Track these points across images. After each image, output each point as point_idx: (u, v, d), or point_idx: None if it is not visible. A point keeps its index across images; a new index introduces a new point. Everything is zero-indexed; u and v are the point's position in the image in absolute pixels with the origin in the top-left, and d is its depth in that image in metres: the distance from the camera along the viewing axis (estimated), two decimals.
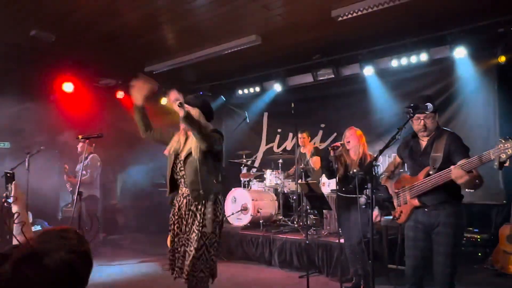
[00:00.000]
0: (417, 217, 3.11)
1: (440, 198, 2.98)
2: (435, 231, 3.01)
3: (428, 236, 3.05)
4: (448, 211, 2.98)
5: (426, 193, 3.01)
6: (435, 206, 3.01)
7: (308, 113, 7.89)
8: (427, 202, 3.04)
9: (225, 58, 7.35)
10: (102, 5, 5.40)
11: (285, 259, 5.88)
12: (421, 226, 3.09)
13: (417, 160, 3.16)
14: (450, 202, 2.98)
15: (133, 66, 8.05)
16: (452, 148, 2.96)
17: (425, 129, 3.08)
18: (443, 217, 2.98)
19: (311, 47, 7.13)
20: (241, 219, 6.86)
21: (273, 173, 7.00)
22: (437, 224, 3.00)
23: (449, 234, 2.95)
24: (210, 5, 5.50)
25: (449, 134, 3.05)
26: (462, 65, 6.28)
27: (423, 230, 3.07)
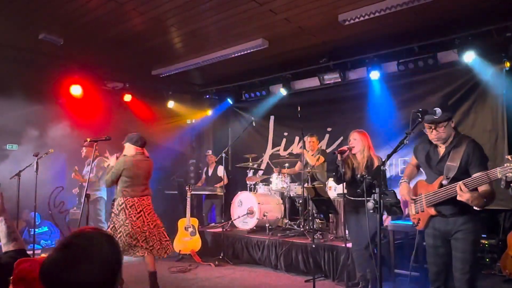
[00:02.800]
0: (434, 224, 3.12)
1: (456, 208, 2.96)
2: (453, 237, 3.02)
3: (447, 242, 3.06)
4: (466, 218, 2.96)
5: (442, 203, 2.99)
6: (452, 215, 3.00)
7: (315, 117, 7.88)
8: (444, 211, 3.03)
9: (231, 62, 7.38)
10: (110, 10, 5.45)
11: (291, 263, 5.87)
12: (439, 233, 3.10)
13: (434, 168, 3.13)
14: (468, 209, 2.91)
15: (140, 70, 8.13)
16: (470, 159, 2.91)
17: (438, 139, 3.04)
18: (460, 224, 2.97)
19: (318, 51, 7.14)
20: (247, 222, 6.86)
21: (279, 177, 6.99)
22: (454, 231, 3.00)
23: (467, 240, 2.95)
24: (217, 9, 5.53)
25: (468, 143, 2.97)
26: (470, 70, 6.25)
27: (441, 237, 3.09)
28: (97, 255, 1.16)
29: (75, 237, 1.18)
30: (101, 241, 1.19)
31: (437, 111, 2.94)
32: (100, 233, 1.22)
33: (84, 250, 1.15)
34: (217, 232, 6.92)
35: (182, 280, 5.48)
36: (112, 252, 1.20)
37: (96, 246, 1.17)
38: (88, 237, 1.18)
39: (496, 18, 5.63)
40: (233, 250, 6.64)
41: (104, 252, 1.18)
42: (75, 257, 1.13)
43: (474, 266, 2.97)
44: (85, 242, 1.17)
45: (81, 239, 1.17)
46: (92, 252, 1.16)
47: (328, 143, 7.96)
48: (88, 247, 1.16)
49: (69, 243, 1.16)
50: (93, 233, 1.21)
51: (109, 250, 1.19)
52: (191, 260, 6.48)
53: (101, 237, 1.21)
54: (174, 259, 6.52)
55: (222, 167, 8.21)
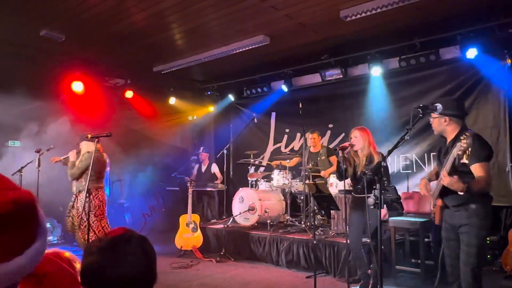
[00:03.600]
0: (445, 217, 3.25)
1: (458, 199, 3.07)
2: (459, 230, 3.13)
3: (457, 235, 3.17)
4: (470, 212, 3.06)
5: (446, 194, 3.13)
6: (457, 207, 3.12)
7: (316, 113, 7.87)
8: (448, 202, 3.17)
9: (232, 58, 7.38)
10: (111, 6, 5.45)
11: (292, 259, 5.88)
12: (449, 225, 3.23)
13: (441, 161, 3.28)
14: (472, 203, 3.04)
15: (141, 66, 8.13)
16: (469, 151, 2.96)
17: (434, 130, 3.20)
18: (465, 218, 3.07)
19: (319, 47, 7.12)
20: (249, 219, 6.87)
21: (280, 173, 7.00)
22: (460, 224, 3.11)
23: (471, 233, 3.04)
24: (218, 6, 5.52)
25: (470, 137, 3.01)
26: (472, 66, 6.23)
27: (452, 230, 3.21)
28: (135, 256, 1.23)
29: (113, 239, 1.24)
30: (137, 242, 1.26)
31: (438, 106, 2.96)
32: (135, 235, 1.29)
33: (123, 252, 1.22)
34: (219, 228, 6.93)
35: (183, 276, 5.50)
36: (149, 252, 1.28)
37: (134, 247, 1.24)
38: (125, 239, 1.25)
39: (498, 14, 5.61)
40: (234, 246, 6.66)
41: (141, 252, 1.25)
42: (115, 258, 1.20)
43: (478, 259, 3.04)
44: (123, 244, 1.24)
45: (119, 241, 1.24)
46: (131, 253, 1.23)
47: (330, 140, 7.96)
48: (127, 248, 1.23)
49: (108, 245, 1.22)
50: (129, 235, 1.27)
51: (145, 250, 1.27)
52: (192, 256, 6.50)
53: (137, 239, 1.27)
54: (176, 255, 6.54)
55: (215, 164, 8.24)
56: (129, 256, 1.22)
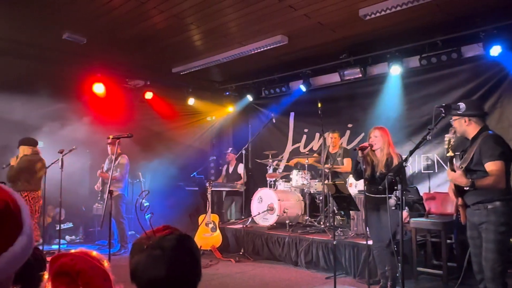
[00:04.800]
0: (468, 216, 3.29)
1: (476, 198, 3.11)
2: (480, 227, 3.17)
3: (480, 234, 3.20)
4: (489, 210, 3.09)
5: (465, 193, 3.18)
6: (476, 205, 3.15)
7: (335, 113, 7.81)
8: (467, 201, 3.21)
9: (251, 58, 7.39)
10: (131, 8, 5.52)
11: (312, 260, 5.85)
12: (471, 224, 3.28)
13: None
14: (490, 201, 3.08)
15: (161, 67, 8.22)
16: (482, 150, 3.09)
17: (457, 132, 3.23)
18: (484, 216, 3.11)
19: (338, 46, 7.07)
20: (267, 219, 6.87)
21: (299, 174, 6.97)
22: (480, 222, 3.15)
23: (489, 229, 3.08)
24: (236, 6, 5.54)
25: (484, 136, 3.15)
26: (496, 64, 6.08)
27: (475, 228, 3.25)
28: (183, 254, 1.27)
29: (162, 238, 1.27)
30: (184, 241, 1.30)
31: (461, 106, 2.92)
32: (181, 234, 1.32)
33: (173, 249, 1.26)
34: (237, 228, 6.95)
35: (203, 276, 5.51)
36: (195, 250, 1.32)
37: (181, 246, 1.28)
38: (171, 238, 1.28)
39: None
40: (253, 247, 6.67)
41: (188, 251, 1.30)
42: (164, 257, 1.23)
43: (497, 255, 3.06)
44: (171, 242, 1.27)
45: (167, 239, 1.27)
46: (179, 250, 1.27)
47: (349, 140, 7.88)
48: (175, 246, 1.27)
49: (156, 244, 1.26)
50: (176, 234, 1.31)
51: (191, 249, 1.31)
52: (211, 256, 6.53)
53: (183, 237, 1.31)
54: None
55: (242, 165, 8.24)
56: (177, 255, 1.25)
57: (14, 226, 0.88)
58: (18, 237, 0.88)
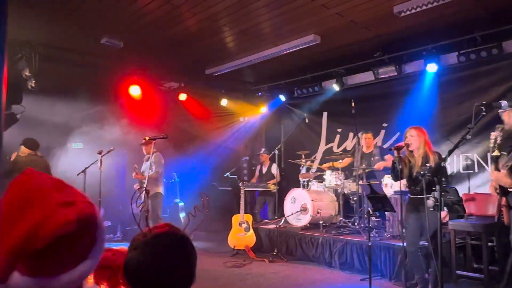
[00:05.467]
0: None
1: None
2: None
3: None
4: None
5: (510, 193, 3.04)
6: None
7: (369, 112, 7.68)
8: (510, 202, 3.06)
9: (283, 58, 7.39)
10: (166, 12, 5.64)
11: (346, 261, 5.79)
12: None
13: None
14: None
15: (194, 69, 8.35)
16: None
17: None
18: None
19: (372, 44, 6.96)
20: (301, 219, 6.85)
21: (333, 174, 6.91)
22: None
23: None
24: (269, 7, 5.55)
25: None
26: None
27: None
28: (175, 254, 1.24)
29: (156, 236, 1.26)
30: (179, 241, 1.28)
31: (503, 103, 2.81)
32: (178, 233, 1.30)
33: (165, 249, 1.24)
34: (271, 229, 6.96)
35: (237, 275, 5.58)
36: (189, 252, 1.29)
37: (174, 246, 1.26)
38: (167, 237, 1.27)
39: None
40: (286, 247, 6.66)
41: (181, 251, 1.27)
42: (155, 256, 1.21)
43: None
44: (165, 241, 1.25)
45: (161, 238, 1.26)
46: (172, 250, 1.25)
47: (384, 139, 7.73)
48: (168, 245, 1.25)
49: (150, 241, 1.24)
50: (172, 233, 1.29)
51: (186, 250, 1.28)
52: (245, 255, 6.57)
53: (179, 237, 1.29)
54: (229, 254, 6.65)
55: (275, 165, 8.24)
56: (169, 255, 1.23)
57: (93, 232, 0.89)
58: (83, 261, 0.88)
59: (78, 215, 0.81)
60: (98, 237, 0.89)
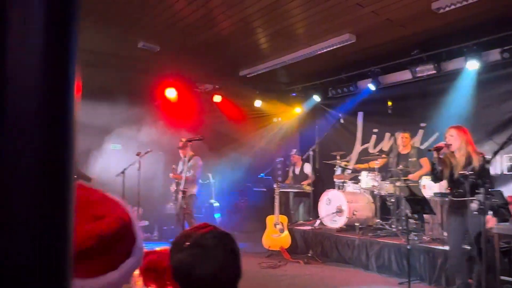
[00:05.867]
0: None
1: None
2: None
3: None
4: None
5: None
6: None
7: (407, 112, 7.49)
8: None
9: (317, 58, 7.33)
10: (201, 15, 5.72)
11: (383, 264, 5.68)
12: None
13: None
14: None
15: (228, 71, 8.42)
16: None
17: None
18: None
19: (409, 42, 6.79)
20: (336, 221, 6.77)
21: (369, 175, 6.78)
22: None
23: None
24: (303, 7, 5.52)
25: None
26: None
27: None
28: (223, 253, 1.27)
29: (202, 236, 1.27)
30: (224, 239, 1.30)
31: None
32: (222, 232, 1.32)
33: (213, 247, 1.25)
34: (306, 230, 6.92)
35: (272, 276, 5.58)
36: (235, 249, 1.31)
37: (221, 245, 1.28)
38: (211, 236, 1.28)
39: None
40: (322, 248, 6.61)
41: (228, 249, 1.29)
42: (204, 256, 1.24)
43: None
44: (211, 240, 1.27)
45: (207, 237, 1.27)
46: (218, 250, 1.26)
47: (422, 140, 7.51)
48: (215, 244, 1.26)
49: (196, 242, 1.26)
50: (216, 232, 1.30)
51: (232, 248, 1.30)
52: (280, 256, 6.56)
53: (224, 235, 1.31)
54: (263, 255, 6.66)
55: (309, 165, 8.19)
56: (217, 254, 1.25)
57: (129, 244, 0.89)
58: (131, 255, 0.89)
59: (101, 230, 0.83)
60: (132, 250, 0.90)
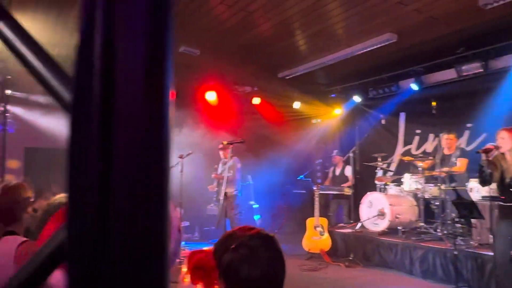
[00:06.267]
0: None
1: None
2: None
3: None
4: None
5: None
6: None
7: (452, 112, 7.23)
8: None
9: (357, 59, 7.22)
10: (240, 18, 5.78)
11: (428, 269, 5.51)
12: None
13: None
14: None
15: (267, 73, 8.45)
16: None
17: None
18: None
19: (454, 40, 6.56)
20: (378, 224, 6.63)
21: (413, 177, 6.59)
22: None
23: None
24: (343, 7, 5.47)
25: None
26: None
27: None
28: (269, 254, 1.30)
29: (249, 237, 1.32)
30: (270, 241, 1.33)
31: None
32: (267, 234, 1.36)
33: (259, 250, 1.29)
34: (346, 233, 6.83)
35: (313, 279, 5.55)
36: (280, 251, 1.34)
37: (267, 246, 1.31)
38: (258, 238, 1.32)
39: None
40: (363, 252, 6.49)
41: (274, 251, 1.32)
42: (251, 257, 1.27)
43: None
44: (258, 242, 1.31)
45: (254, 239, 1.31)
46: (265, 251, 1.30)
47: (469, 141, 7.22)
48: (262, 246, 1.30)
49: (244, 243, 1.30)
50: (262, 234, 1.34)
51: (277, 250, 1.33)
52: (320, 259, 6.51)
53: (269, 238, 1.35)
54: (303, 257, 6.63)
55: (349, 167, 8.07)
56: (264, 255, 1.28)
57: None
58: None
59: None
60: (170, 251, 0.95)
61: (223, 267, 1.27)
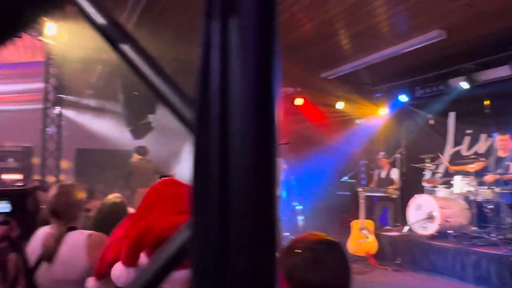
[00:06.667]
0: None
1: None
2: None
3: None
4: None
5: None
6: None
7: (506, 112, 6.86)
8: None
9: (403, 57, 7.03)
10: (284, 19, 5.77)
11: (481, 275, 5.27)
12: None
13: None
14: None
15: (309, 74, 8.41)
16: None
17: None
18: None
19: (507, 35, 6.25)
20: (426, 227, 6.41)
21: (464, 179, 6.33)
22: None
23: None
24: (388, 5, 5.35)
25: None
26: None
27: None
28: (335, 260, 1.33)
29: (316, 243, 1.35)
30: (335, 247, 1.36)
31: None
32: (330, 239, 1.39)
33: (325, 255, 1.32)
34: (393, 236, 6.66)
35: (360, 283, 5.44)
36: (346, 257, 1.37)
37: (333, 252, 1.34)
38: (324, 243, 1.35)
39: None
40: (411, 256, 6.30)
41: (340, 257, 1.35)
42: (317, 262, 1.29)
43: None
44: (323, 247, 1.34)
45: (319, 244, 1.34)
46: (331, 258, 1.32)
47: None
48: (327, 251, 1.33)
49: (310, 249, 1.32)
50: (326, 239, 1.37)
51: (343, 256, 1.36)
52: (366, 262, 6.39)
53: (334, 244, 1.38)
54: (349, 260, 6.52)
55: (396, 170, 7.87)
56: (329, 261, 1.29)
57: None
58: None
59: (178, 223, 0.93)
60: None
61: (288, 270, 1.29)
